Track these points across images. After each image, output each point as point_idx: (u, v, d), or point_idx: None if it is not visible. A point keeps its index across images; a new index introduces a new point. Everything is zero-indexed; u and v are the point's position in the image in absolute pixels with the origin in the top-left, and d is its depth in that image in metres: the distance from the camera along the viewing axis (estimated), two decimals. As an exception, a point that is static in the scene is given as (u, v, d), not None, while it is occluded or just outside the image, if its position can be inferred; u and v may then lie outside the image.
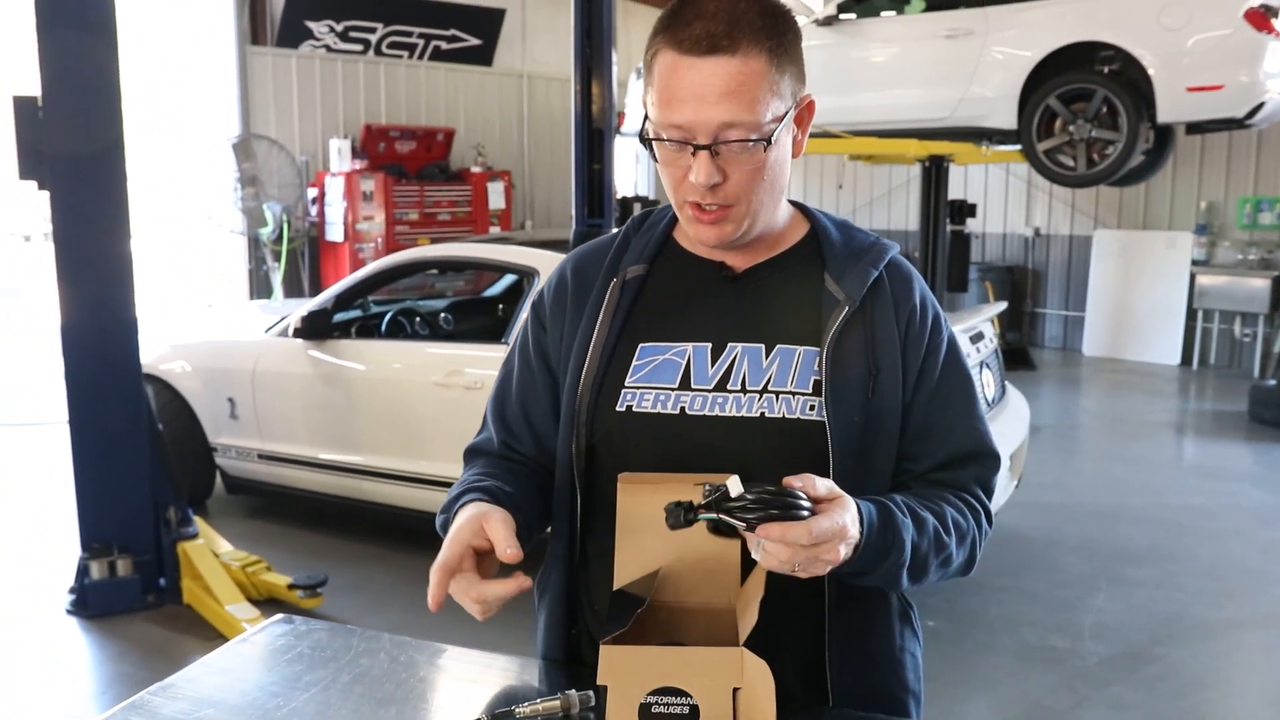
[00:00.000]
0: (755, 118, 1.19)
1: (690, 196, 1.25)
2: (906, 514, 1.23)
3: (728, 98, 1.17)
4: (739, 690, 0.98)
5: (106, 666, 3.82)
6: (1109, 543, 4.99)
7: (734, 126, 1.18)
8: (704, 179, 1.20)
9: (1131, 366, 9.75)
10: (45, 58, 3.83)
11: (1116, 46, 6.51)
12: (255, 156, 9.24)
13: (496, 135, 11.36)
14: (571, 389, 1.34)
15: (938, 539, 1.25)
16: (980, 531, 1.32)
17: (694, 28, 1.17)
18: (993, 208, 10.97)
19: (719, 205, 1.24)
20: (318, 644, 1.44)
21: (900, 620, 1.39)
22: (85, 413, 4.08)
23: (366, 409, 4.74)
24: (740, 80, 1.17)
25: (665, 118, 1.21)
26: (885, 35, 7.67)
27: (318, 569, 4.36)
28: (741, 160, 1.21)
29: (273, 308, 6.57)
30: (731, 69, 1.17)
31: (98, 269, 4.02)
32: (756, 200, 1.26)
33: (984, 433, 1.36)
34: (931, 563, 1.25)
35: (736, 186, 1.23)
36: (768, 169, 1.23)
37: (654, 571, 1.19)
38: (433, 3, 10.63)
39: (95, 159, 3.95)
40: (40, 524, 5.17)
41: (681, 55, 1.18)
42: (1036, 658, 3.82)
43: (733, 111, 1.18)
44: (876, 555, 1.18)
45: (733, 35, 1.17)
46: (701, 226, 1.27)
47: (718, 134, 1.19)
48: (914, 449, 1.33)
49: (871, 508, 1.19)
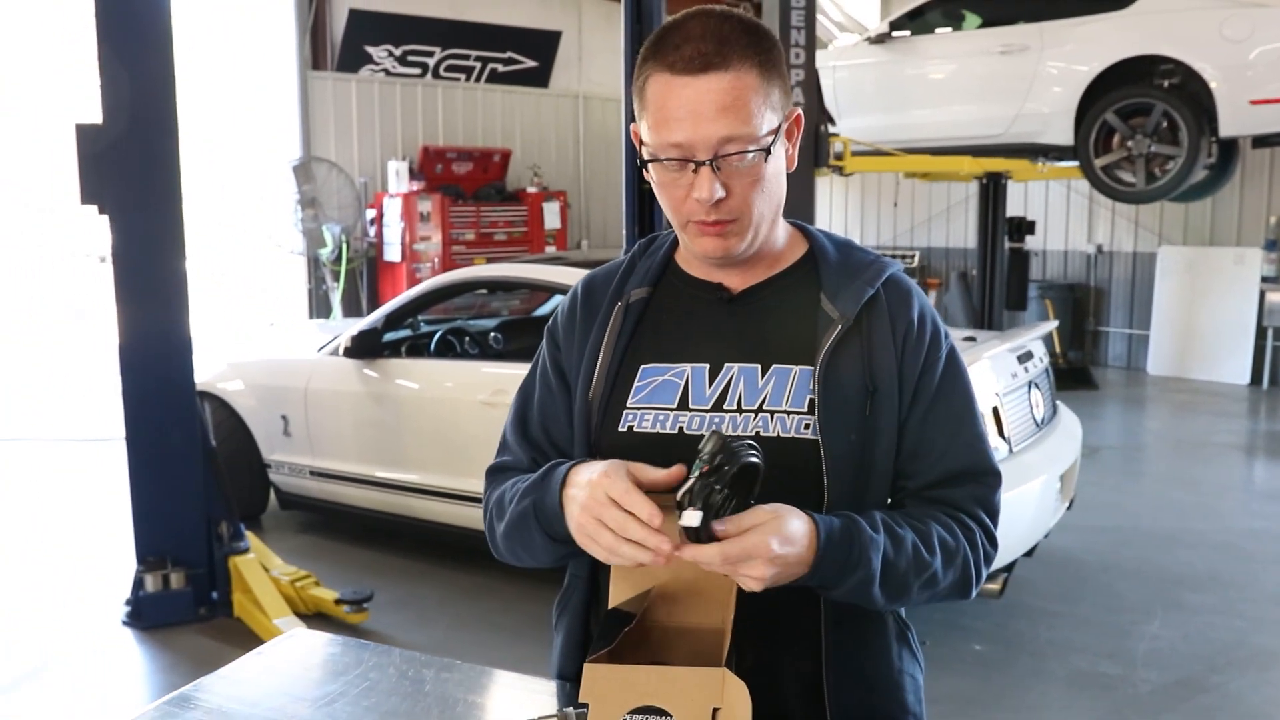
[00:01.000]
0: (752, 130, 1.21)
1: (693, 215, 1.26)
2: (880, 530, 1.22)
3: (724, 112, 1.19)
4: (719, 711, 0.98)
5: (159, 677, 3.90)
6: (1167, 567, 4.86)
7: (732, 140, 1.20)
8: (707, 194, 1.22)
9: (1198, 386, 9.50)
10: (106, 86, 3.96)
11: (1177, 60, 6.40)
12: (315, 179, 9.45)
13: (552, 156, 11.49)
14: (581, 411, 1.37)
15: (917, 557, 1.24)
16: (977, 551, 1.30)
17: (684, 50, 1.20)
18: (1054, 224, 10.79)
19: (721, 220, 1.26)
20: (331, 657, 1.47)
21: (898, 641, 1.38)
22: (142, 429, 4.19)
23: (415, 427, 4.80)
24: (734, 94, 1.19)
25: (663, 138, 1.22)
26: (939, 52, 7.62)
27: (365, 584, 4.42)
28: (742, 173, 1.23)
29: (331, 326, 6.70)
30: (725, 84, 1.19)
31: (154, 290, 4.14)
32: (758, 212, 1.27)
33: (982, 449, 1.35)
34: (912, 581, 1.24)
35: (739, 199, 1.24)
36: (766, 181, 1.25)
37: (646, 591, 1.19)
38: (490, 26, 10.80)
39: (153, 184, 4.07)
40: (100, 536, 5.31)
41: (675, 76, 1.20)
42: (1086, 684, 3.73)
43: (730, 125, 1.20)
44: (838, 569, 1.18)
45: (723, 52, 1.19)
46: (707, 240, 1.28)
47: (717, 149, 1.21)
48: (909, 466, 1.33)
49: (834, 521, 1.19)
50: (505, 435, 1.49)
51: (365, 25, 9.95)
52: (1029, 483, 3.88)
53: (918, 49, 7.66)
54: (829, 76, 7.77)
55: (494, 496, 1.41)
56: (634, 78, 1.26)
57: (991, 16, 7.50)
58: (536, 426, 1.44)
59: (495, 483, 1.44)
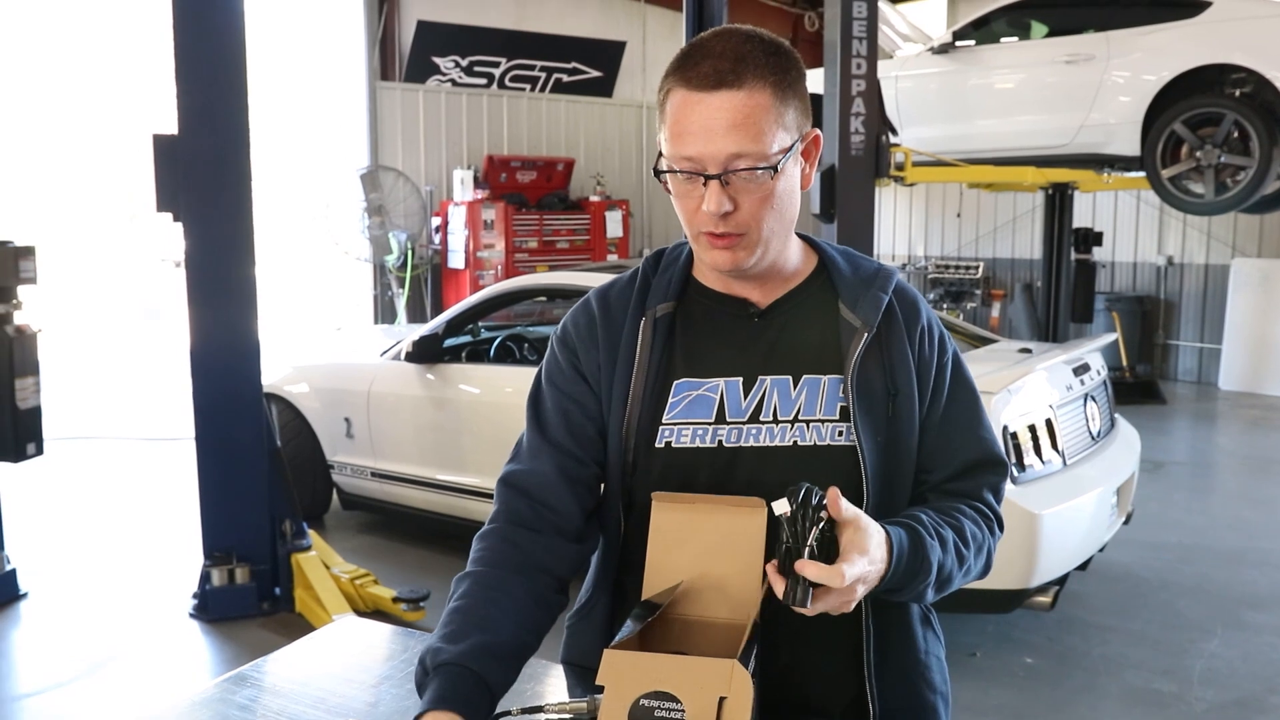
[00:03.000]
0: (761, 148, 1.25)
1: (704, 227, 1.30)
2: (933, 535, 1.29)
3: (735, 129, 1.24)
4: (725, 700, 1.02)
5: (222, 666, 4.03)
6: (1229, 586, 4.77)
7: (742, 157, 1.25)
8: (715, 207, 1.26)
9: (1272, 402, 9.26)
10: (182, 98, 4.13)
11: (1248, 69, 6.28)
12: (382, 187, 9.66)
13: (615, 165, 11.59)
14: (617, 429, 1.39)
15: (959, 553, 1.32)
16: (995, 537, 1.40)
17: (702, 66, 1.25)
18: (1123, 236, 10.60)
19: (729, 233, 1.30)
20: (376, 644, 1.55)
21: (922, 625, 1.45)
22: (210, 429, 4.34)
23: (474, 431, 4.90)
24: (746, 113, 1.24)
25: (677, 151, 1.27)
26: (1004, 61, 7.55)
27: (422, 584, 4.52)
28: (751, 189, 1.27)
29: (395, 332, 6.85)
30: (737, 102, 1.23)
31: (225, 295, 4.29)
32: (767, 228, 1.31)
33: (991, 441, 1.43)
34: (955, 576, 1.32)
35: (747, 214, 1.29)
36: (776, 198, 1.29)
37: (675, 585, 1.24)
38: (555, 36, 10.94)
39: (225, 193, 4.23)
40: (169, 532, 5.50)
41: (690, 91, 1.25)
42: (1140, 700, 3.68)
43: (740, 143, 1.24)
44: (907, 577, 1.25)
45: (738, 71, 1.24)
46: (716, 252, 1.32)
47: (727, 164, 1.25)
48: (929, 462, 1.40)
49: (902, 533, 1.25)
50: (519, 444, 1.45)
51: (433, 36, 10.15)
52: (1083, 495, 3.85)
53: (981, 59, 7.60)
54: (891, 86, 7.75)
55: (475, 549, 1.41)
56: (659, 89, 1.31)
57: (1058, 25, 7.42)
58: (558, 430, 1.41)
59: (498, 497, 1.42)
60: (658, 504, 1.30)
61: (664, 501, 1.29)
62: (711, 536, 1.24)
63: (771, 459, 1.34)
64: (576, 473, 1.40)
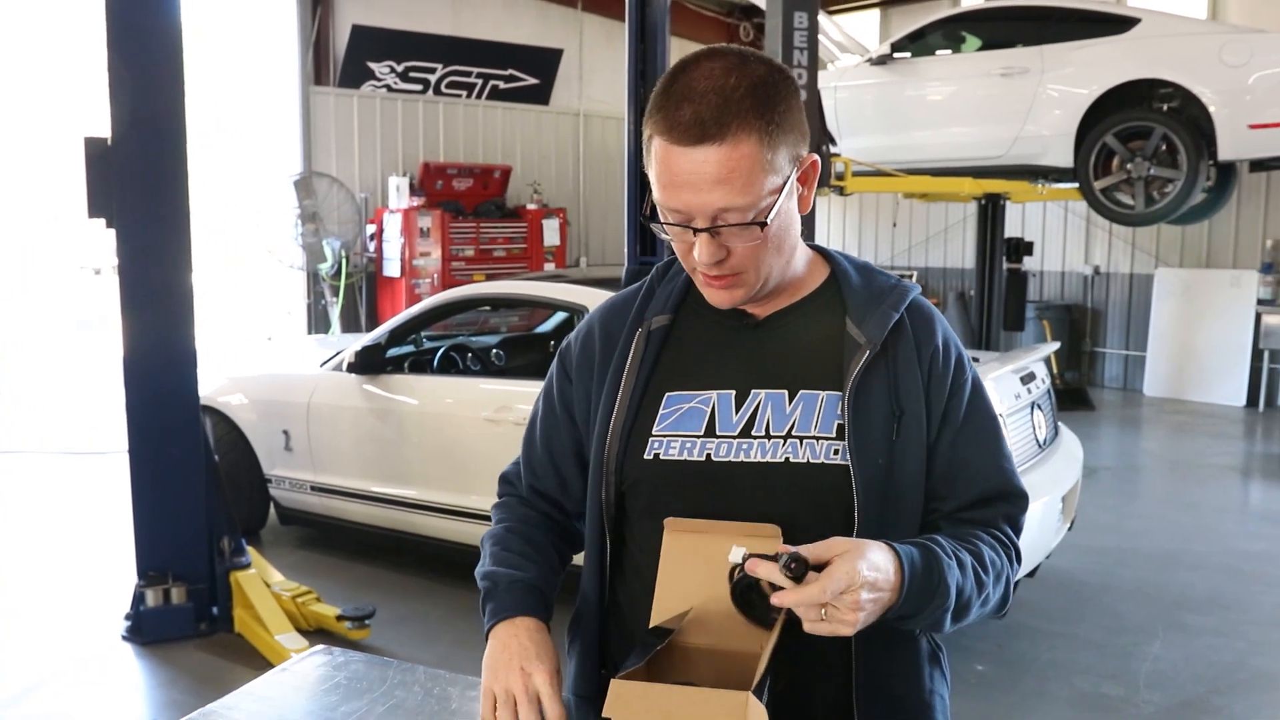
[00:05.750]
0: (750, 200, 1.19)
1: (700, 268, 1.27)
2: (950, 556, 1.23)
3: (720, 185, 1.18)
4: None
5: (159, 693, 3.88)
6: (1167, 589, 4.87)
7: (729, 210, 1.20)
8: (706, 259, 1.23)
9: (1194, 408, 9.53)
10: (115, 100, 3.97)
11: (1176, 84, 6.45)
12: (316, 194, 9.46)
13: (552, 173, 11.52)
14: (600, 438, 1.36)
15: (978, 579, 1.26)
16: (1012, 568, 1.33)
17: (683, 112, 1.17)
18: (1051, 245, 10.84)
19: (727, 274, 1.27)
20: (355, 675, 1.47)
21: (930, 663, 1.39)
22: (144, 443, 4.18)
23: (418, 443, 4.80)
24: (730, 167, 1.17)
25: (665, 201, 1.23)
26: (940, 74, 7.67)
27: (367, 601, 4.40)
28: (742, 237, 1.23)
29: (330, 342, 6.70)
30: (721, 156, 1.17)
31: (160, 303, 4.14)
32: (765, 267, 1.28)
33: (1011, 472, 1.37)
34: (974, 603, 1.26)
35: (740, 259, 1.25)
36: (770, 239, 1.25)
37: (684, 612, 1.20)
38: (492, 43, 10.84)
39: (160, 197, 4.08)
40: (99, 551, 5.29)
41: (672, 145, 1.19)
42: (1090, 705, 3.73)
43: (726, 197, 1.19)
44: (921, 596, 1.18)
45: (721, 121, 1.16)
46: (713, 291, 1.30)
47: (715, 218, 1.21)
48: (942, 489, 1.33)
49: (913, 550, 1.19)
50: (523, 443, 1.54)
51: (368, 41, 9.98)
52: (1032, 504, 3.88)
53: (919, 70, 7.71)
54: (830, 97, 7.82)
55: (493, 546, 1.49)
56: (643, 123, 1.25)
57: (992, 39, 7.56)
58: (539, 447, 1.50)
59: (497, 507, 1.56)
60: (669, 530, 1.25)
61: (676, 529, 1.24)
62: (723, 563, 1.19)
63: (762, 476, 1.29)
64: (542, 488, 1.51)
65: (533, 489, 1.51)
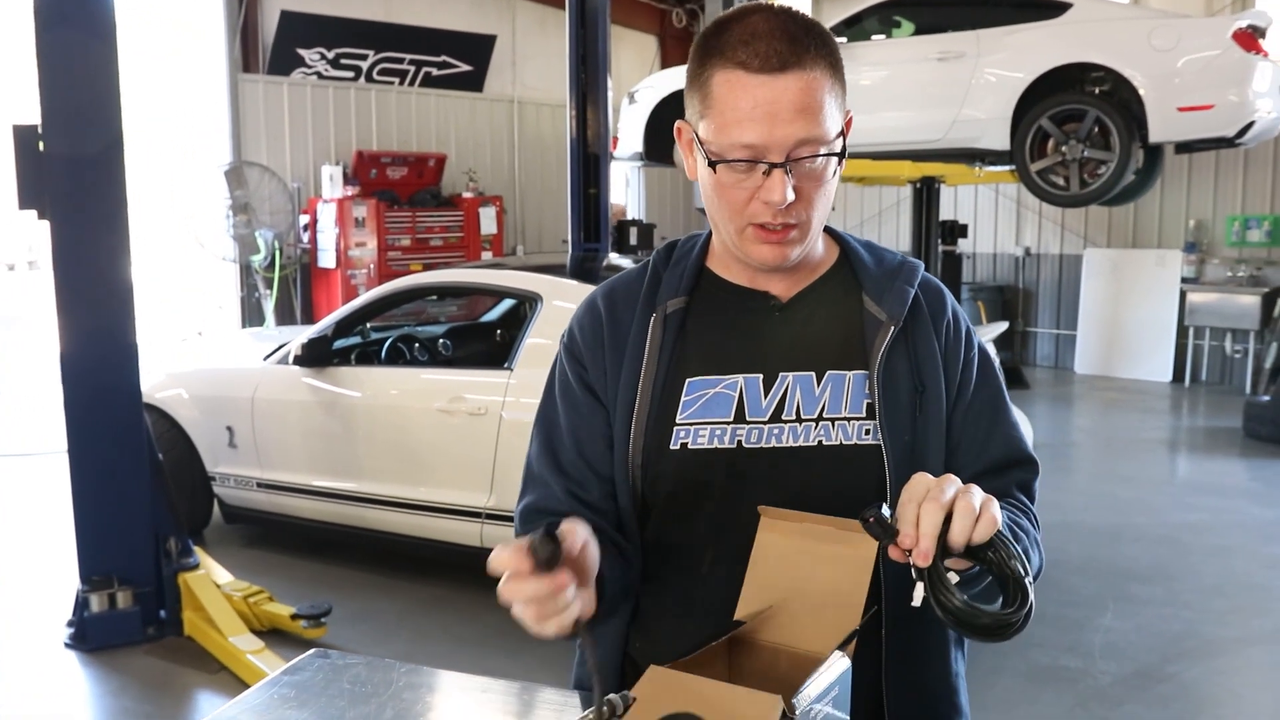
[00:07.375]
0: (824, 132, 1.18)
1: (757, 218, 1.22)
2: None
3: (802, 114, 1.16)
4: None
5: (106, 701, 3.75)
6: (1113, 561, 4.99)
7: (806, 142, 1.17)
8: (779, 197, 1.18)
9: (1123, 384, 9.78)
10: (45, 86, 3.81)
11: (1107, 67, 6.57)
12: (247, 183, 9.22)
13: (488, 160, 11.38)
14: (623, 432, 1.30)
15: (1029, 538, 1.26)
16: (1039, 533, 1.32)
17: (756, 46, 1.15)
18: (983, 228, 11.03)
19: (785, 224, 1.22)
20: (357, 679, 1.42)
21: (956, 645, 1.37)
22: (85, 442, 4.03)
23: (368, 436, 4.70)
24: (810, 96, 1.16)
25: (732, 139, 1.17)
26: (877, 59, 7.71)
27: (320, 599, 4.30)
28: (812, 175, 1.20)
29: (265, 335, 6.53)
30: (802, 85, 1.15)
31: (98, 297, 3.99)
32: (819, 217, 1.25)
33: (1021, 439, 1.36)
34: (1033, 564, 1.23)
35: (805, 203, 1.21)
36: (829, 184, 1.23)
37: (764, 607, 1.16)
38: (424, 29, 10.66)
39: (95, 188, 3.92)
40: (38, 556, 5.10)
41: (750, 74, 1.15)
42: (1049, 678, 3.80)
43: (806, 127, 1.16)
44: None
45: (797, 51, 1.15)
46: (767, 247, 1.24)
47: (791, 151, 1.17)
48: (955, 460, 1.32)
49: None
50: (530, 468, 1.38)
51: (297, 27, 9.75)
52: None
53: (855, 55, 7.74)
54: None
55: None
56: (691, 74, 1.21)
57: (926, 24, 7.63)
58: (570, 453, 1.34)
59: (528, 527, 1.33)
60: (765, 521, 1.20)
61: (772, 518, 1.20)
62: (814, 562, 1.14)
63: (795, 460, 1.26)
64: (588, 497, 1.32)
65: (574, 496, 1.32)
